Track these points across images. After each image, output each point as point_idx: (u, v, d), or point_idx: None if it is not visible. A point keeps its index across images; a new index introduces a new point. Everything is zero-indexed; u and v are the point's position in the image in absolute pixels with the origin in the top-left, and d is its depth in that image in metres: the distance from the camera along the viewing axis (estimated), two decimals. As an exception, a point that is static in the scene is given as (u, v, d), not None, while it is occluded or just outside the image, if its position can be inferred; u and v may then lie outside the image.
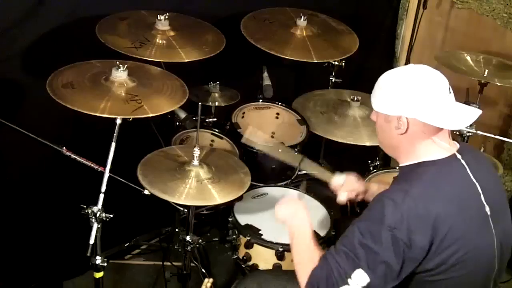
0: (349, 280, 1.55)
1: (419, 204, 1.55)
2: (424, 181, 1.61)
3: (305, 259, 1.71)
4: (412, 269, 1.58)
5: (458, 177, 1.66)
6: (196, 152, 2.17)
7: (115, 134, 2.00)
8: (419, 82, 1.63)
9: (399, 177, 1.73)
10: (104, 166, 2.00)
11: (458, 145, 1.72)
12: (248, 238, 2.28)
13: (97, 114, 1.98)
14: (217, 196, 2.11)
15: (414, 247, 1.54)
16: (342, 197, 2.09)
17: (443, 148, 1.67)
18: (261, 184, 2.59)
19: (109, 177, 1.99)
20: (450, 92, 1.65)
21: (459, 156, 1.68)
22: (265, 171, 2.65)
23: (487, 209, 1.66)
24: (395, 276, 1.56)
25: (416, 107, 1.61)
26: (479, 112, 1.66)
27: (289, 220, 1.84)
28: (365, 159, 2.92)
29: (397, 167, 2.74)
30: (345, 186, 2.11)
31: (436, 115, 1.61)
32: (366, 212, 1.63)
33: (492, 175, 1.80)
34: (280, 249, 2.24)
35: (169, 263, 2.74)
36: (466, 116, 1.64)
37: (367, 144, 2.68)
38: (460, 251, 1.59)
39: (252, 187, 2.41)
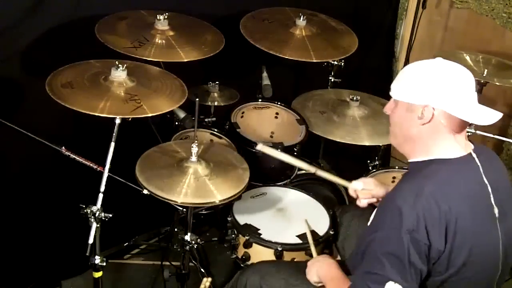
0: None
1: (432, 203, 1.53)
2: (437, 179, 1.59)
3: None
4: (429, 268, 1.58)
5: (471, 177, 1.65)
6: (194, 148, 2.17)
7: (114, 134, 2.00)
8: (449, 74, 1.62)
9: (410, 174, 1.70)
10: (103, 166, 2.00)
11: (472, 146, 1.71)
12: (247, 237, 2.28)
13: (96, 114, 1.98)
14: (216, 193, 2.10)
15: (433, 247, 1.54)
16: (363, 203, 2.05)
17: (460, 146, 1.66)
18: (260, 184, 2.59)
19: (108, 176, 2.00)
20: (475, 91, 1.64)
21: (474, 155, 1.67)
22: (264, 170, 2.65)
23: (496, 210, 1.65)
24: (424, 274, 1.56)
25: (445, 98, 1.59)
26: (500, 114, 1.65)
27: (321, 277, 1.88)
28: (364, 159, 2.92)
29: (397, 167, 2.78)
30: (364, 191, 2.05)
31: (463, 109, 1.59)
32: (379, 218, 1.61)
33: (504, 177, 1.78)
34: (279, 249, 2.23)
35: (168, 263, 2.74)
36: (490, 115, 1.64)
37: (366, 143, 2.68)
38: (470, 251, 1.58)
39: (251, 186, 2.41)
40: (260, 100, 2.90)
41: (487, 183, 1.65)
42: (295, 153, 2.70)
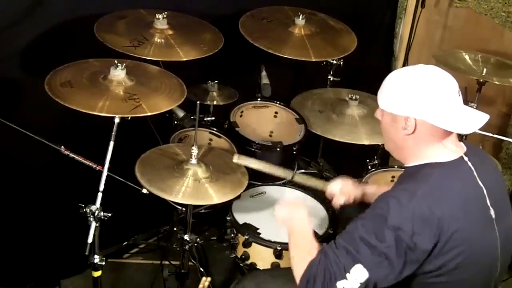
0: (347, 274, 1.53)
1: (424, 206, 1.53)
2: (431, 183, 1.60)
3: (303, 252, 1.67)
4: (414, 270, 1.57)
5: (465, 180, 1.65)
6: (194, 150, 2.17)
7: (113, 133, 2.00)
8: (429, 83, 1.61)
9: (404, 177, 1.71)
10: (103, 165, 2.00)
11: (465, 147, 1.70)
12: (246, 236, 2.29)
13: (95, 113, 1.98)
14: (214, 196, 2.11)
15: (416, 249, 1.53)
16: (340, 201, 2.07)
17: (450, 150, 1.66)
18: (259, 183, 2.60)
19: (107, 176, 1.99)
20: (459, 95, 1.64)
21: (466, 159, 1.66)
22: (263, 169, 2.65)
23: (492, 212, 1.65)
24: (396, 275, 1.55)
25: (425, 108, 1.60)
26: (487, 117, 1.64)
27: (288, 220, 1.82)
28: (363, 158, 2.92)
29: (396, 166, 2.79)
30: (341, 191, 2.09)
31: (445, 117, 1.59)
32: (369, 210, 1.61)
33: (497, 178, 1.79)
34: (278, 248, 2.24)
35: (167, 262, 2.74)
36: (474, 120, 1.63)
37: (365, 143, 2.68)
38: (463, 254, 1.58)
39: (250, 185, 2.41)
40: (259, 99, 2.90)
41: (482, 185, 1.65)
42: (294, 152, 2.70)
